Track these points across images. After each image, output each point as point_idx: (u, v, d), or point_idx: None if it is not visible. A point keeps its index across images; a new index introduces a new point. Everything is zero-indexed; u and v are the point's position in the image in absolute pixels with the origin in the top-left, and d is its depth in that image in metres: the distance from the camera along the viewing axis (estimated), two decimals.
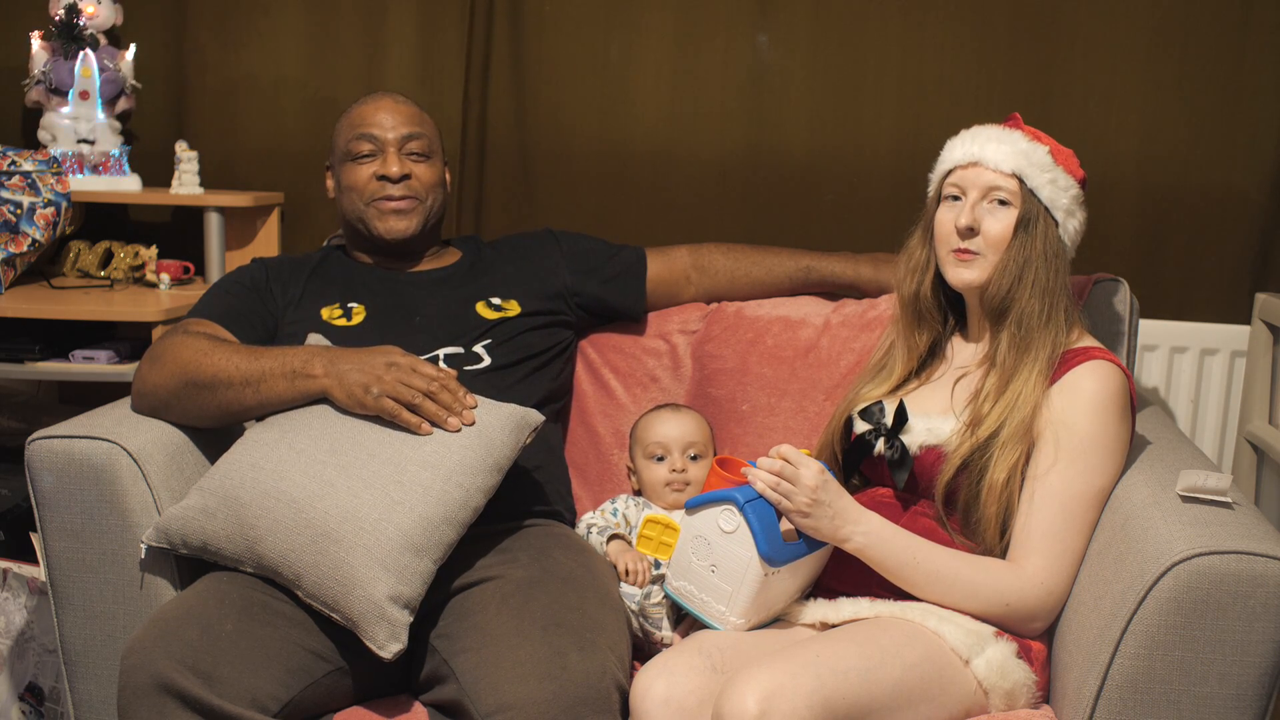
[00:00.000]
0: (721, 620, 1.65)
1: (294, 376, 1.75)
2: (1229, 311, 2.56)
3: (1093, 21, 2.50)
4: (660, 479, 1.98)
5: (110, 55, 2.62)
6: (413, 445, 1.68)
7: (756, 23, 2.59)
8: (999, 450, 1.64)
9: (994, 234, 1.70)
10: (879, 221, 2.50)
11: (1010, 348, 1.69)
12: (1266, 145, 2.50)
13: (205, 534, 1.67)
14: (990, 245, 1.70)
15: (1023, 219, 1.69)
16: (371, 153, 2.05)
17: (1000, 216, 1.70)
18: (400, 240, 2.06)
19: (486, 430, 1.72)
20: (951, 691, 1.56)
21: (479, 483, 1.68)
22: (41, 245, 2.46)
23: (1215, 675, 1.44)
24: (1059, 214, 1.71)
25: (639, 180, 2.64)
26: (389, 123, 2.06)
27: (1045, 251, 1.68)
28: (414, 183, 2.05)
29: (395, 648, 1.58)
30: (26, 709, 2.26)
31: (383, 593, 1.58)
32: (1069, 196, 1.72)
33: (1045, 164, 1.70)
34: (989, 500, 1.64)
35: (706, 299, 2.23)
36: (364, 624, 1.58)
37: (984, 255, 1.71)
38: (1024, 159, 1.69)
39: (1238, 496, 1.58)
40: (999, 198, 1.70)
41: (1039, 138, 1.74)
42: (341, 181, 2.08)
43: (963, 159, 1.73)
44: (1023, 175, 1.69)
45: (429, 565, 1.63)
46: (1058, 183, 1.70)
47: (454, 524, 1.65)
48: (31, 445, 1.74)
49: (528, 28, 2.62)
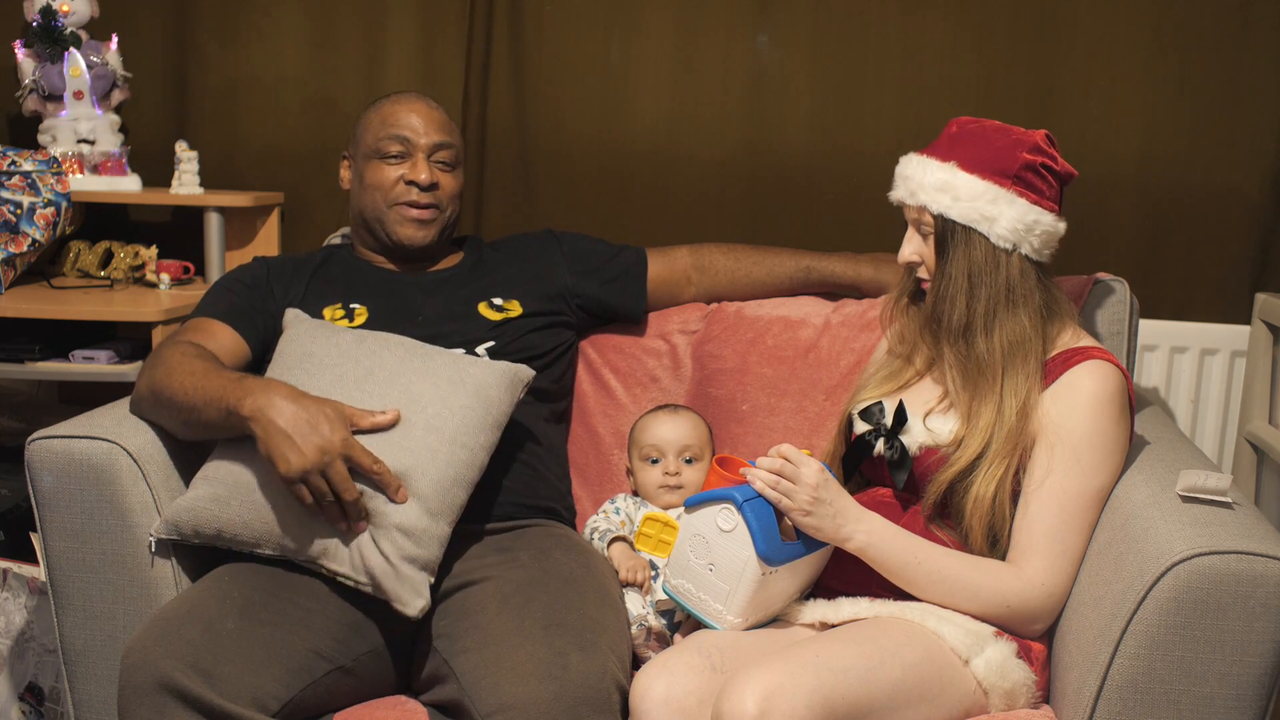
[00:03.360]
0: (719, 619, 1.65)
1: (227, 412, 1.66)
2: (1229, 311, 2.56)
3: (1093, 21, 2.50)
4: (654, 482, 1.98)
5: (95, 49, 2.60)
6: (415, 409, 1.71)
7: (756, 23, 2.58)
8: (985, 465, 1.65)
9: (930, 262, 1.74)
10: (879, 221, 2.49)
11: (955, 371, 1.71)
12: (1266, 145, 2.50)
13: (220, 522, 1.69)
14: (930, 272, 1.74)
15: (938, 243, 1.71)
16: (401, 154, 2.03)
17: (930, 245, 1.73)
18: (416, 248, 2.06)
19: (484, 389, 1.75)
20: (951, 691, 1.57)
21: (482, 440, 1.73)
22: (41, 245, 2.46)
23: (1215, 675, 1.44)
24: (979, 223, 1.68)
25: (639, 180, 2.64)
26: (422, 127, 2.04)
27: (968, 267, 1.69)
28: (440, 193, 2.04)
29: (420, 603, 1.63)
30: (26, 709, 2.26)
31: (405, 555, 1.63)
32: (984, 200, 1.68)
33: (938, 183, 1.69)
34: (974, 512, 1.65)
35: (707, 299, 2.23)
36: (389, 585, 1.63)
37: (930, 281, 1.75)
38: (920, 190, 1.71)
39: (1238, 496, 1.58)
40: (923, 231, 1.74)
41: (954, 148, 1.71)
42: (364, 177, 2.05)
43: (893, 199, 1.78)
44: (925, 205, 1.70)
45: (445, 528, 1.67)
46: (959, 195, 1.68)
47: (463, 484, 1.70)
48: (31, 445, 1.74)
49: (528, 28, 2.62)
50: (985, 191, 1.68)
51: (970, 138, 1.72)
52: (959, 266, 1.69)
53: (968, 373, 1.70)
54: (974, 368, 1.69)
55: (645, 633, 1.79)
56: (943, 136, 1.75)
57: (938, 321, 1.73)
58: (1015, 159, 1.69)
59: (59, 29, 2.56)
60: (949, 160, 1.70)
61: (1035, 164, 1.69)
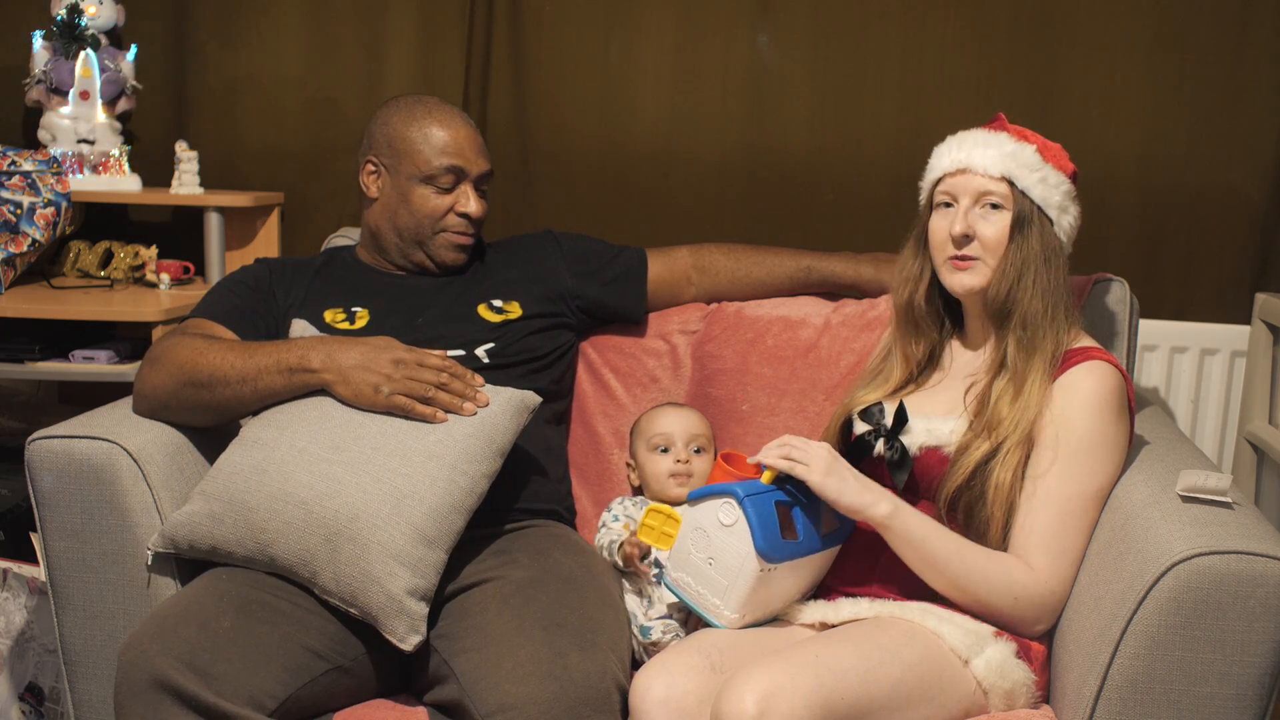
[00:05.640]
0: (716, 614, 1.65)
1: (291, 372, 1.76)
2: (1229, 311, 2.56)
3: (1093, 21, 2.50)
4: (664, 470, 1.97)
5: (111, 55, 2.62)
6: (416, 436, 1.69)
7: (756, 23, 2.58)
8: (1005, 453, 1.64)
9: (990, 238, 1.70)
10: (879, 221, 2.50)
11: (1019, 350, 1.68)
12: (1266, 145, 2.50)
13: (214, 539, 1.68)
14: (988, 250, 1.70)
15: (1017, 220, 1.69)
16: (452, 185, 2.02)
17: (994, 220, 1.70)
18: (454, 268, 2.07)
19: (488, 416, 1.74)
20: (951, 691, 1.56)
21: (483, 469, 1.71)
22: (41, 245, 2.46)
23: (1215, 675, 1.44)
24: (1053, 211, 1.70)
25: (639, 180, 2.64)
26: (473, 156, 2.02)
27: (1043, 251, 1.68)
28: (480, 219, 2.06)
29: (415, 639, 1.61)
30: (26, 709, 2.26)
31: (400, 587, 1.60)
32: (1061, 193, 1.71)
33: (1033, 163, 1.70)
34: (995, 500, 1.64)
35: (707, 299, 2.23)
36: (383, 618, 1.61)
37: (982, 260, 1.71)
38: (1011, 161, 1.69)
39: (1238, 496, 1.58)
40: (991, 202, 1.70)
41: (1025, 136, 1.73)
42: (410, 200, 2.01)
43: (951, 166, 1.73)
44: (1012, 177, 1.69)
45: (441, 555, 1.65)
46: (1048, 180, 1.70)
47: (462, 511, 1.68)
48: (31, 445, 1.74)
49: (528, 28, 2.62)
50: (1065, 184, 1.71)
51: (1024, 133, 1.73)
52: (1035, 247, 1.68)
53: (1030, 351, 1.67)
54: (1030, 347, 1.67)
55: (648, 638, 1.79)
56: (1001, 122, 1.74)
57: (1008, 301, 1.68)
58: (1067, 164, 1.73)
59: (81, 28, 2.58)
60: (1031, 143, 1.70)
61: (1075, 173, 1.74)
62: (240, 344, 1.82)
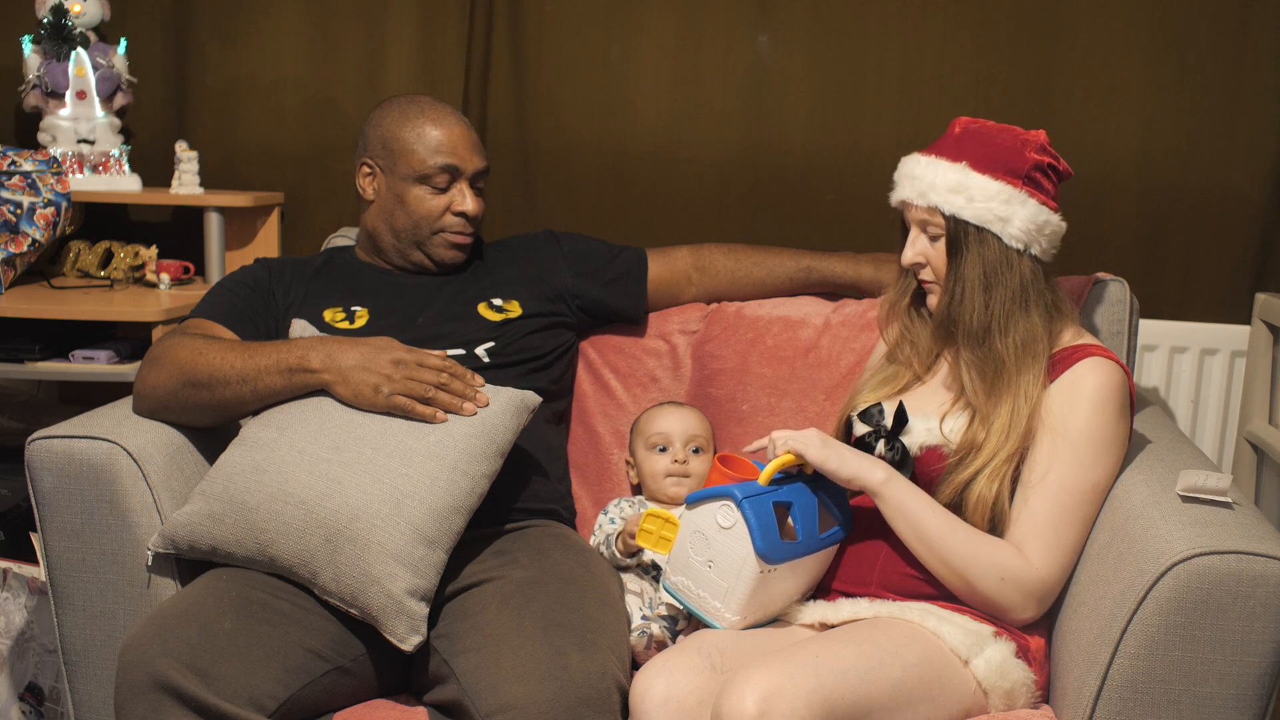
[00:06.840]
0: (717, 616, 1.65)
1: (291, 372, 1.76)
2: (1229, 311, 2.56)
3: (1093, 21, 2.50)
4: (661, 469, 1.98)
5: (102, 52, 2.61)
6: (416, 436, 1.69)
7: (756, 23, 2.59)
8: (989, 466, 1.65)
9: (937, 264, 1.73)
10: (879, 221, 2.49)
11: (973, 372, 1.70)
12: (1266, 145, 2.50)
13: (214, 539, 1.68)
14: (938, 274, 1.74)
15: (950, 245, 1.71)
16: (448, 184, 2.02)
17: (937, 248, 1.73)
18: (452, 266, 2.06)
19: (488, 416, 1.74)
20: (951, 691, 1.57)
21: (483, 469, 1.71)
22: (41, 245, 2.46)
23: (1215, 675, 1.44)
24: (992, 224, 1.68)
25: (639, 180, 2.64)
26: (468, 154, 2.02)
27: (983, 269, 1.68)
28: (478, 217, 2.05)
29: (416, 640, 1.61)
30: (26, 709, 2.26)
31: (400, 588, 1.60)
32: (998, 201, 1.68)
33: (953, 184, 1.68)
34: (976, 510, 1.65)
35: (707, 299, 2.23)
36: (384, 619, 1.61)
37: (936, 283, 1.74)
38: (932, 191, 1.70)
39: (1238, 496, 1.58)
40: (931, 233, 1.73)
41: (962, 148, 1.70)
42: (405, 201, 2.01)
43: (895, 200, 1.77)
44: (938, 206, 1.70)
45: (441, 555, 1.66)
46: (974, 198, 1.68)
47: (462, 511, 1.68)
48: (31, 445, 1.74)
49: (528, 28, 2.62)
50: (1000, 192, 1.68)
51: (977, 138, 1.71)
52: (973, 268, 1.69)
53: (985, 374, 1.69)
54: (991, 369, 1.69)
55: (647, 639, 1.78)
56: (947, 137, 1.74)
57: (953, 324, 1.72)
58: (1025, 159, 1.69)
59: (68, 28, 2.57)
60: (959, 160, 1.69)
61: (1043, 164, 1.71)
62: (240, 344, 1.82)
